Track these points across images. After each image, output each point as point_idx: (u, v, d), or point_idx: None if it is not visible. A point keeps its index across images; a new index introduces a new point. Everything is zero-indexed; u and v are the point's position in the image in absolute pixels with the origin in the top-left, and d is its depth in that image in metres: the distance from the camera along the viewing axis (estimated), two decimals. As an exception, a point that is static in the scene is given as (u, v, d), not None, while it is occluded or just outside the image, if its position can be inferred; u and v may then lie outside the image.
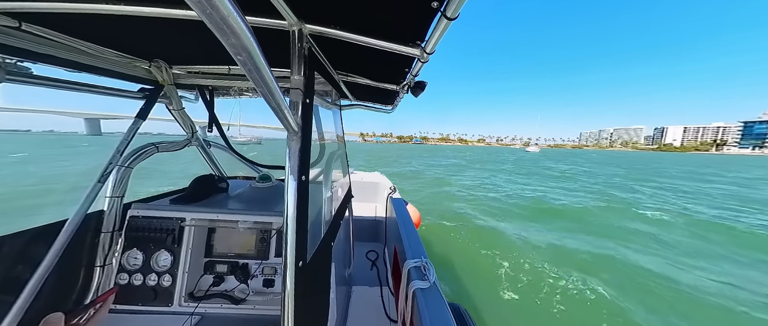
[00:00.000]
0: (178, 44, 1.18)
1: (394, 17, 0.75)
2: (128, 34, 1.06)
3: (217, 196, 1.61)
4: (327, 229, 1.14)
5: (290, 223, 0.68)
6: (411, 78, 1.25)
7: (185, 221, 1.32)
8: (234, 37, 0.36)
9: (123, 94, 1.45)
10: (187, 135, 1.78)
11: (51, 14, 0.78)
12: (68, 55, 1.07)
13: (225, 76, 1.51)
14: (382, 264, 2.64)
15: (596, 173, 24.61)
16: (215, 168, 2.08)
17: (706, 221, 8.78)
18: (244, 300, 1.29)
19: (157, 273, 1.27)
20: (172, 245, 1.29)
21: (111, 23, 0.92)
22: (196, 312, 1.23)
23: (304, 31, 0.74)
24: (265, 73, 0.47)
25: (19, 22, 0.85)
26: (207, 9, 0.30)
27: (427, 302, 1.15)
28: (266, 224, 1.35)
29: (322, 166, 1.19)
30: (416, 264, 1.40)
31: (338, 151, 1.71)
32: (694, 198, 13.16)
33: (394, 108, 2.17)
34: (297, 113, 0.72)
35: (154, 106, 1.50)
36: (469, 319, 1.71)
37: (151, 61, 1.36)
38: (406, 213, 2.40)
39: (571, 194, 13.19)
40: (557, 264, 5.31)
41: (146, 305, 1.23)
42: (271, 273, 1.33)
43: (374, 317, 1.90)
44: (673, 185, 17.73)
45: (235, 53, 0.39)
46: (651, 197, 13.10)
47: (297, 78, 0.73)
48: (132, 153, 1.28)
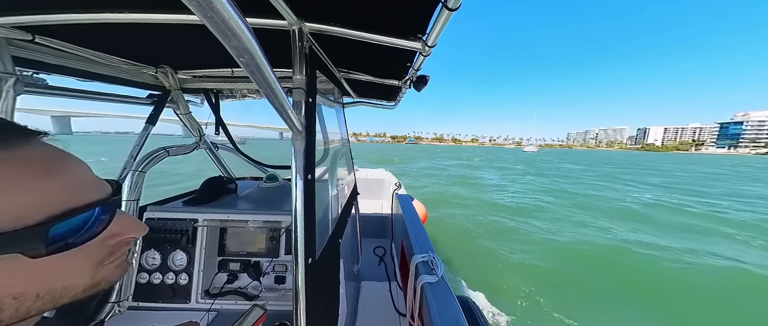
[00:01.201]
0: (183, 49, 1.20)
1: (395, 11, 0.74)
2: (135, 42, 1.09)
3: (227, 197, 1.64)
4: (334, 226, 1.15)
5: (298, 221, 0.69)
6: (413, 73, 1.25)
7: (198, 222, 1.35)
8: (235, 40, 0.36)
9: (132, 100, 1.49)
10: (195, 139, 1.82)
11: (62, 26, 0.80)
12: (79, 65, 1.10)
13: (229, 78, 1.53)
14: (390, 260, 2.66)
15: (633, 173, 23.69)
16: (223, 170, 2.12)
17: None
18: (257, 297, 1.32)
19: (175, 272, 1.31)
20: (186, 245, 1.32)
21: (118, 32, 0.95)
22: (212, 309, 1.27)
23: (304, 30, 0.74)
24: (267, 74, 0.47)
25: (32, 36, 0.88)
26: (208, 12, 0.31)
27: (435, 296, 1.16)
28: (275, 223, 1.37)
29: (328, 164, 1.20)
30: (424, 259, 1.40)
31: (343, 149, 1.72)
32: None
33: (396, 104, 2.16)
34: (300, 113, 0.72)
35: (162, 111, 1.54)
36: (479, 313, 1.71)
37: (157, 68, 1.39)
38: (412, 209, 2.40)
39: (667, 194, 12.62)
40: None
41: (166, 302, 1.28)
42: (282, 270, 1.36)
43: (383, 311, 1.92)
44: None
45: (237, 55, 0.40)
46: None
47: (299, 78, 0.73)
48: (145, 158, 1.32)
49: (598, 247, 6.39)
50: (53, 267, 0.28)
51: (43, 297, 0.28)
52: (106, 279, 0.34)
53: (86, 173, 0.32)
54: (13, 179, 0.25)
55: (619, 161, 51.06)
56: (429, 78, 1.35)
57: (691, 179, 21.66)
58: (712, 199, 13.26)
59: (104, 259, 0.33)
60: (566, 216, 9.22)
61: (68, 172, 0.30)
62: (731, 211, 10.63)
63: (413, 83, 1.40)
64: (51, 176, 0.28)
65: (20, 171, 0.26)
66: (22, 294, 0.27)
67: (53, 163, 0.29)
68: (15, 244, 0.25)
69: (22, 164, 0.26)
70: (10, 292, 0.26)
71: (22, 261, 0.26)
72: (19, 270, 0.26)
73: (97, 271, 0.32)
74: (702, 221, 9.04)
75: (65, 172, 0.29)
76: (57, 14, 0.75)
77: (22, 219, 0.25)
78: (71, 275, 0.30)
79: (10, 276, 0.26)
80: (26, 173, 0.26)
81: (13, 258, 0.26)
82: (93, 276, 0.32)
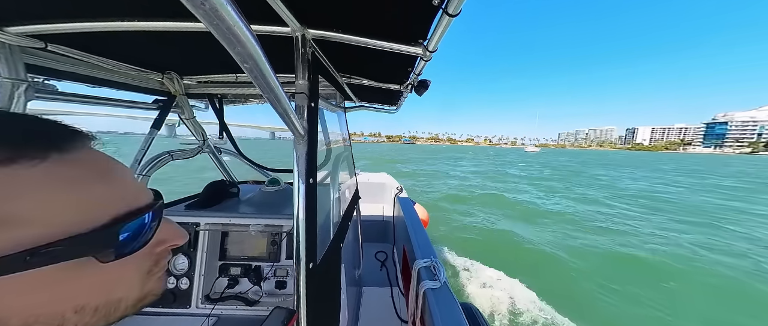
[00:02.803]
0: (188, 56, 1.22)
1: (396, 17, 0.75)
2: (142, 49, 1.11)
3: (229, 201, 1.65)
4: (336, 231, 1.15)
5: (300, 225, 0.69)
6: (414, 77, 1.26)
7: (200, 225, 1.36)
8: (240, 46, 0.37)
9: (139, 106, 1.51)
10: (199, 143, 1.84)
11: (73, 34, 0.83)
12: (89, 71, 1.13)
13: (233, 84, 1.55)
14: (392, 265, 2.63)
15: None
16: (226, 174, 2.13)
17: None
18: (257, 302, 1.32)
19: (176, 276, 1.31)
20: (188, 249, 1.33)
21: (127, 40, 0.97)
22: (212, 314, 1.26)
23: (307, 37, 0.76)
24: (270, 80, 0.48)
25: (45, 44, 0.90)
26: (214, 20, 0.32)
27: (438, 302, 1.15)
28: (277, 227, 1.38)
29: (329, 168, 1.20)
30: (426, 264, 1.39)
31: (344, 153, 1.73)
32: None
33: (398, 108, 2.17)
34: (303, 117, 0.73)
35: (167, 116, 1.56)
36: (482, 320, 1.69)
37: (163, 74, 1.41)
38: (414, 213, 2.39)
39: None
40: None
41: (166, 307, 1.27)
42: (283, 274, 1.35)
43: (385, 318, 1.90)
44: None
45: (241, 62, 0.41)
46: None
47: (302, 83, 0.74)
48: (149, 162, 1.33)
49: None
50: (113, 276, 0.27)
51: (100, 310, 0.27)
52: (152, 291, 0.32)
53: (134, 178, 0.32)
54: (76, 181, 0.24)
55: (626, 160, 47.68)
56: (430, 82, 1.36)
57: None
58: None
59: (151, 268, 0.32)
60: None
61: (121, 177, 0.29)
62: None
63: (414, 88, 1.41)
64: (108, 179, 0.27)
65: (82, 173, 0.25)
66: (84, 307, 0.25)
67: (109, 167, 0.28)
68: (89, 246, 0.24)
69: (83, 167, 0.25)
70: (74, 304, 0.25)
71: (90, 267, 0.24)
72: (86, 277, 0.25)
73: (145, 282, 0.31)
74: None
75: (119, 176, 0.29)
76: (68, 23, 0.77)
77: (93, 221, 0.24)
78: (126, 285, 0.29)
79: (79, 284, 0.24)
80: (87, 176, 0.25)
81: (83, 264, 0.24)
82: (142, 288, 0.31)
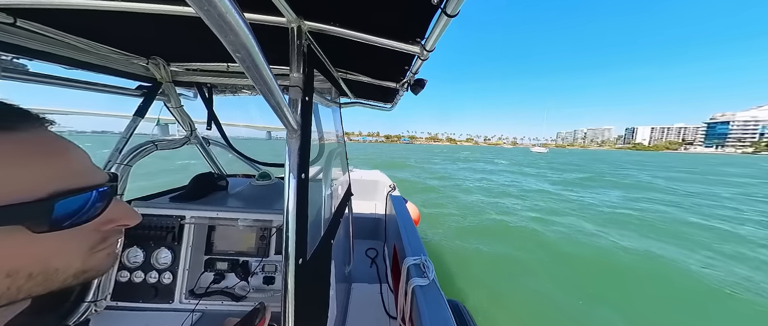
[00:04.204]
0: (176, 41, 1.17)
1: (394, 14, 0.74)
2: (125, 31, 1.05)
3: (217, 194, 1.61)
4: (327, 227, 1.14)
5: (290, 221, 0.68)
6: (411, 76, 1.25)
7: (185, 219, 1.32)
8: (232, 35, 0.35)
9: (120, 91, 1.44)
10: (186, 133, 1.77)
11: (47, 10, 0.77)
12: (65, 51, 1.06)
13: (223, 73, 1.50)
14: (382, 262, 2.65)
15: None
16: (214, 166, 2.07)
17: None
18: (244, 297, 1.29)
19: (158, 270, 1.27)
20: (172, 243, 1.29)
21: (108, 19, 0.91)
22: (196, 309, 1.23)
23: (303, 28, 0.73)
24: (263, 71, 0.46)
25: (14, 19, 0.84)
26: (205, 6, 0.30)
27: (426, 299, 1.16)
28: (266, 222, 1.35)
29: (322, 164, 1.18)
30: (415, 262, 1.40)
31: (338, 149, 1.71)
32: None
33: (393, 106, 2.16)
34: (296, 111, 0.71)
35: (152, 103, 1.49)
36: (468, 316, 1.72)
37: (148, 58, 1.35)
38: (406, 211, 2.41)
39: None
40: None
41: (147, 302, 1.23)
42: (272, 270, 1.33)
43: (374, 314, 1.91)
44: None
45: (233, 51, 0.38)
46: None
47: (296, 76, 0.72)
48: (131, 151, 1.28)
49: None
50: (50, 246, 0.29)
51: (36, 276, 0.28)
52: (96, 266, 0.34)
53: (86, 160, 0.34)
54: (18, 156, 0.27)
55: (655, 162, 45.11)
56: (426, 82, 1.36)
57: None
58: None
59: (97, 244, 0.34)
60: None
61: (70, 156, 0.31)
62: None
63: (410, 86, 1.40)
64: (55, 157, 0.29)
65: (25, 150, 0.27)
66: (17, 272, 0.27)
67: (57, 146, 0.30)
68: (20, 216, 0.26)
69: (27, 144, 0.27)
70: (5, 268, 0.26)
71: (23, 235, 0.27)
72: (19, 245, 0.27)
73: (89, 257, 0.33)
74: None
75: (67, 155, 0.31)
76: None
77: (28, 193, 0.26)
78: (65, 257, 0.31)
79: (9, 250, 0.26)
80: (31, 153, 0.27)
81: (15, 232, 0.26)
82: (85, 262, 0.33)
